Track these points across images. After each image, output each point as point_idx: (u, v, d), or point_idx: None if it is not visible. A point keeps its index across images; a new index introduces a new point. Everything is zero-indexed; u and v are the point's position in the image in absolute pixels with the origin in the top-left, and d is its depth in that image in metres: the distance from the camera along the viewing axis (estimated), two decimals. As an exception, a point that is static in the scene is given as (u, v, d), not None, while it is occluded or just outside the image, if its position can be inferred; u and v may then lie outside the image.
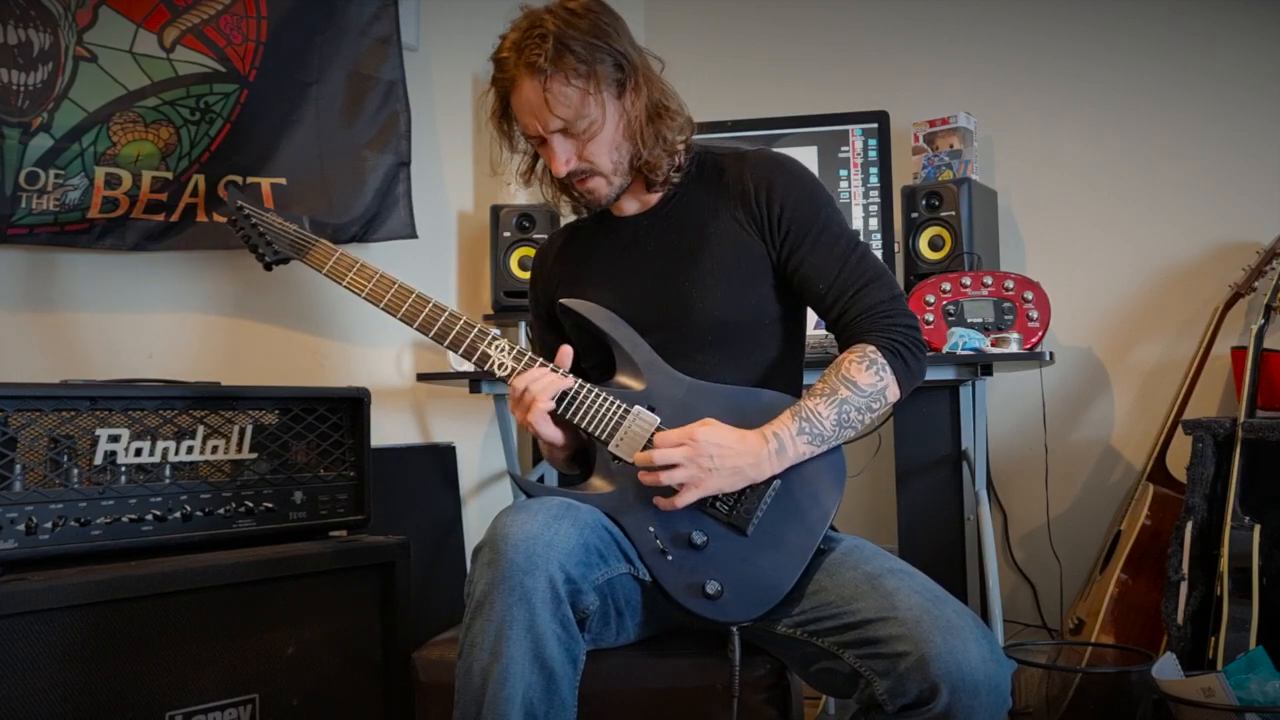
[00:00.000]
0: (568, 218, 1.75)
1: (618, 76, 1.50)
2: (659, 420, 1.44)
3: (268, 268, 1.73)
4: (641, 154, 1.53)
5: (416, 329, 1.54)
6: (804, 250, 1.50)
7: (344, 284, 1.59)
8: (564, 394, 1.46)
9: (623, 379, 1.49)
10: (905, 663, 1.21)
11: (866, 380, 1.42)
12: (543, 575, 1.24)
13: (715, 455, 1.37)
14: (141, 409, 1.76)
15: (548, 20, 1.46)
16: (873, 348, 1.44)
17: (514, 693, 1.23)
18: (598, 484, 1.45)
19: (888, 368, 1.43)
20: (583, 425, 1.46)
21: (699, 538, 1.40)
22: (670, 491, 1.39)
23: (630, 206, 1.62)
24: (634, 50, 1.52)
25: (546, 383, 1.45)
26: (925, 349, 1.48)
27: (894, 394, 1.45)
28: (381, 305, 1.56)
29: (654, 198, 1.60)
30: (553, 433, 1.48)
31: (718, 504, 1.41)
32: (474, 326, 1.52)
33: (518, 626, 1.23)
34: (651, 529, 1.41)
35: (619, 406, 1.45)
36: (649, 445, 1.42)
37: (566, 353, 1.49)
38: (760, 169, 1.54)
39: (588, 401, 1.46)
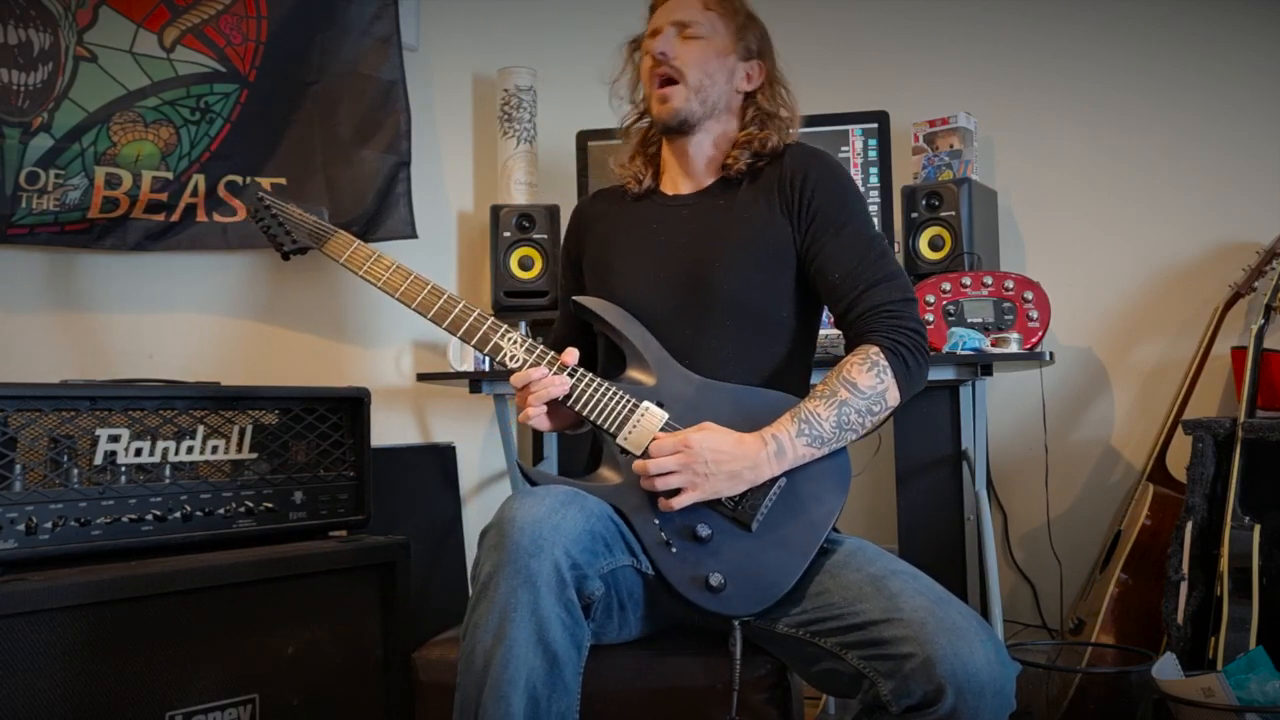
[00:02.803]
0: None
1: (751, 44, 1.64)
2: (667, 416, 1.45)
3: (285, 257, 1.74)
4: (742, 122, 1.64)
5: (431, 319, 1.56)
6: (825, 238, 1.53)
7: (360, 273, 1.61)
8: (574, 387, 1.49)
9: (633, 374, 1.51)
10: (910, 664, 1.21)
11: (867, 382, 1.43)
12: (548, 559, 1.24)
13: (711, 460, 1.38)
14: (141, 409, 1.76)
15: None
16: (875, 348, 1.44)
17: (516, 675, 1.22)
18: (605, 475, 1.46)
19: (889, 370, 1.43)
20: (592, 418, 1.48)
21: (703, 531, 1.40)
22: (670, 493, 1.39)
23: (684, 186, 1.66)
24: (772, 51, 1.68)
25: (541, 387, 1.48)
26: (928, 355, 1.48)
27: (894, 397, 1.45)
28: (397, 295, 1.58)
29: (707, 181, 1.65)
30: (543, 424, 1.54)
31: (723, 499, 1.41)
32: (487, 319, 1.54)
33: (522, 609, 1.23)
34: (657, 521, 1.41)
35: (628, 401, 1.47)
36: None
37: (572, 354, 1.51)
38: (799, 157, 1.61)
39: (597, 395, 1.47)
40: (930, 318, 2.28)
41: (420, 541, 2.27)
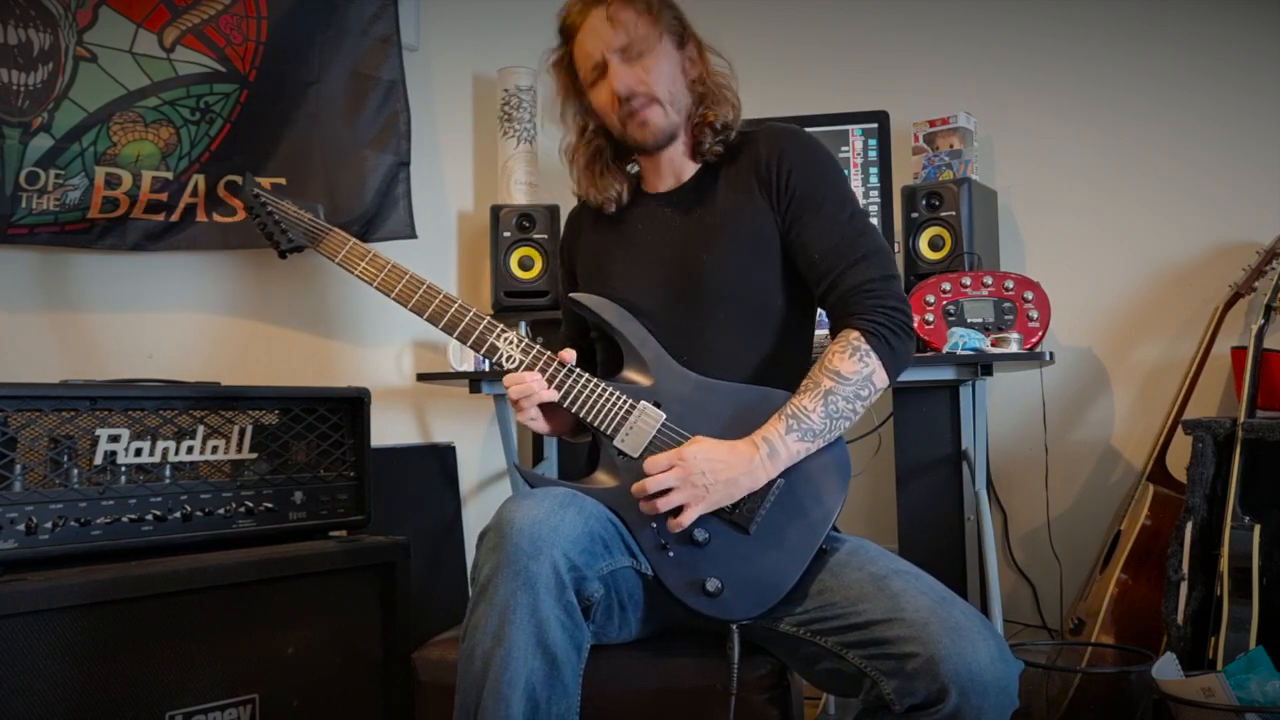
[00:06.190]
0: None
1: (677, 29, 1.59)
2: (664, 416, 1.45)
3: (282, 255, 1.74)
4: (699, 106, 1.58)
5: (426, 319, 1.55)
6: (806, 217, 1.51)
7: (356, 273, 1.60)
8: (570, 389, 1.47)
9: (630, 374, 1.50)
10: (913, 664, 1.21)
11: (850, 369, 1.42)
12: (547, 560, 1.24)
13: (707, 472, 1.37)
14: (141, 409, 1.76)
15: None
16: (856, 333, 1.44)
17: (516, 677, 1.23)
18: (602, 479, 1.46)
19: (872, 353, 1.43)
20: (588, 420, 1.47)
21: (701, 535, 1.40)
22: (675, 511, 1.39)
23: (665, 183, 1.64)
24: (686, 18, 1.62)
25: (519, 392, 1.48)
26: (912, 331, 1.47)
27: (881, 379, 1.44)
28: (392, 295, 1.57)
29: (688, 173, 1.62)
30: (541, 427, 1.54)
31: None
32: (483, 319, 1.53)
33: (521, 611, 1.23)
34: (654, 525, 1.41)
35: (625, 401, 1.46)
36: (653, 442, 1.43)
37: (569, 353, 1.51)
38: (774, 137, 1.58)
39: (593, 396, 1.47)
40: (930, 318, 2.28)
41: (420, 541, 2.27)
